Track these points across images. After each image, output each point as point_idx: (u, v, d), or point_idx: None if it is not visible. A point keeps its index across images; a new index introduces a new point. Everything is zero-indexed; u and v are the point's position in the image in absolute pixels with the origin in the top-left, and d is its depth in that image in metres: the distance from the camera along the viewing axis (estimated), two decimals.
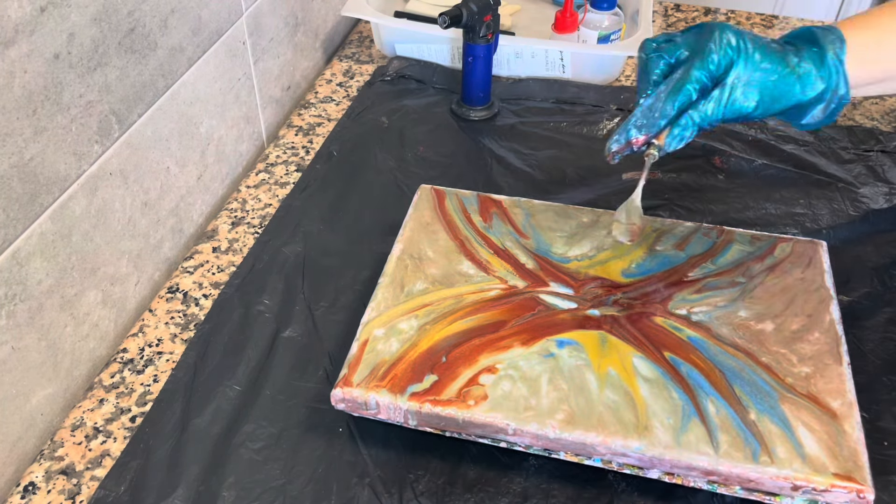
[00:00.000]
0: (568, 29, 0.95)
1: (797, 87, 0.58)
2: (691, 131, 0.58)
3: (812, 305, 0.59)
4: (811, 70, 0.58)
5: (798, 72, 0.58)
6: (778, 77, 0.58)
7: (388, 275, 0.62)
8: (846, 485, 0.48)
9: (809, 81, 0.58)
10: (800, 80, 0.58)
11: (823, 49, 0.58)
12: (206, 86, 0.73)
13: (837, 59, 0.58)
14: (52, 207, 0.54)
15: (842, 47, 0.58)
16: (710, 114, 0.58)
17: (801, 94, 0.58)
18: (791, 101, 0.59)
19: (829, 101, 0.59)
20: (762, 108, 0.58)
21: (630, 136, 0.59)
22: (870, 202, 0.77)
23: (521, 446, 0.54)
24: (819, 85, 0.58)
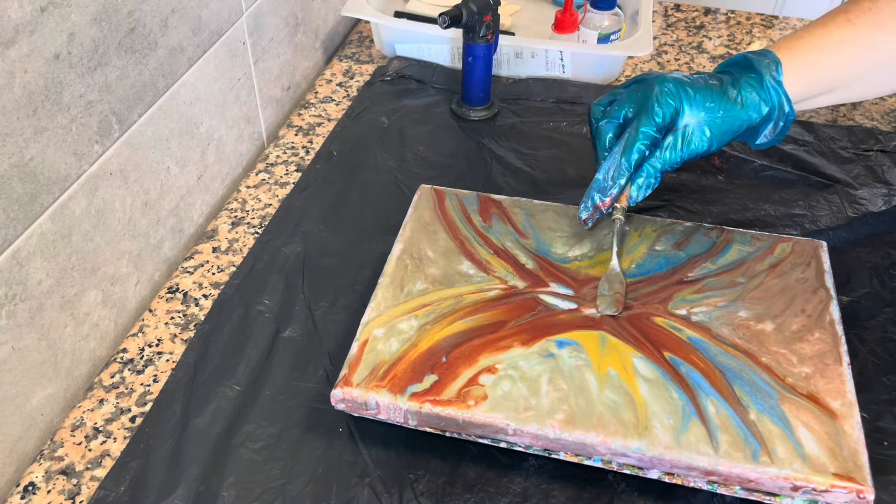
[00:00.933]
0: (568, 29, 0.95)
1: (743, 115, 0.63)
2: (655, 178, 0.63)
3: (812, 305, 0.59)
4: (753, 96, 0.63)
5: (741, 102, 0.62)
6: (724, 112, 0.62)
7: (388, 275, 0.62)
8: (846, 485, 0.48)
9: (753, 107, 0.63)
10: (744, 108, 0.63)
11: (760, 74, 0.63)
12: (206, 86, 0.73)
13: (775, 80, 0.62)
14: (53, 207, 0.54)
15: (777, 69, 0.63)
16: (669, 159, 0.62)
17: (748, 120, 0.63)
18: (741, 128, 0.63)
19: (776, 120, 0.64)
20: (717, 143, 0.64)
21: (595, 200, 0.63)
22: (869, 203, 0.77)
23: (521, 446, 0.54)
24: (763, 108, 0.63)
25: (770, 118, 0.63)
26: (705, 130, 0.62)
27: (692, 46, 1.04)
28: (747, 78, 0.63)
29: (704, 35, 1.06)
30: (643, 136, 0.61)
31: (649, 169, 0.62)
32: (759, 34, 1.06)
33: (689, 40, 1.05)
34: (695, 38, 1.05)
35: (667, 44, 1.04)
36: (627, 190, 0.63)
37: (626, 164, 0.62)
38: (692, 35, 1.06)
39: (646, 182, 0.63)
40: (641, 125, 0.61)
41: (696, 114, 0.62)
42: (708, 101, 0.62)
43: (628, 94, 0.64)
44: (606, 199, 0.63)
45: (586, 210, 0.63)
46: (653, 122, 0.61)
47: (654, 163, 0.62)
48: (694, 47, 1.03)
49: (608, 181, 0.62)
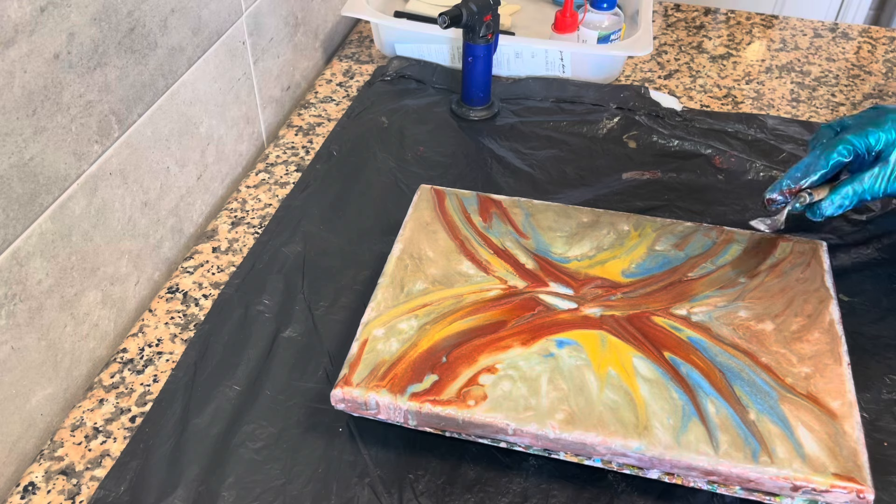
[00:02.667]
0: (568, 29, 0.95)
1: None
2: (850, 200, 0.64)
3: (812, 305, 0.59)
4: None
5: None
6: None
7: (388, 275, 0.62)
8: (846, 485, 0.48)
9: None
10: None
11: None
12: (206, 86, 0.73)
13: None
14: (52, 207, 0.54)
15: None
16: (869, 186, 0.64)
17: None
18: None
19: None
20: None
21: (783, 186, 0.65)
22: (869, 202, 0.76)
23: (521, 446, 0.54)
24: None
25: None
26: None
27: (692, 46, 1.04)
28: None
29: (704, 35, 1.06)
30: (847, 143, 0.63)
31: (847, 190, 0.64)
32: (759, 34, 1.06)
33: (689, 40, 1.05)
34: (695, 38, 1.05)
35: (667, 44, 1.04)
36: (819, 190, 0.65)
37: (823, 162, 0.63)
38: (692, 35, 1.06)
39: (840, 201, 0.64)
40: (851, 134, 0.64)
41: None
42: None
43: (860, 113, 0.66)
44: (795, 187, 0.64)
45: (772, 191, 0.65)
46: (865, 137, 0.63)
47: (854, 185, 0.64)
48: (694, 47, 1.03)
49: (804, 172, 0.64)
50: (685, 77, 0.97)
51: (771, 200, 0.66)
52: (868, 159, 0.64)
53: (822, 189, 0.65)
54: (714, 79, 0.97)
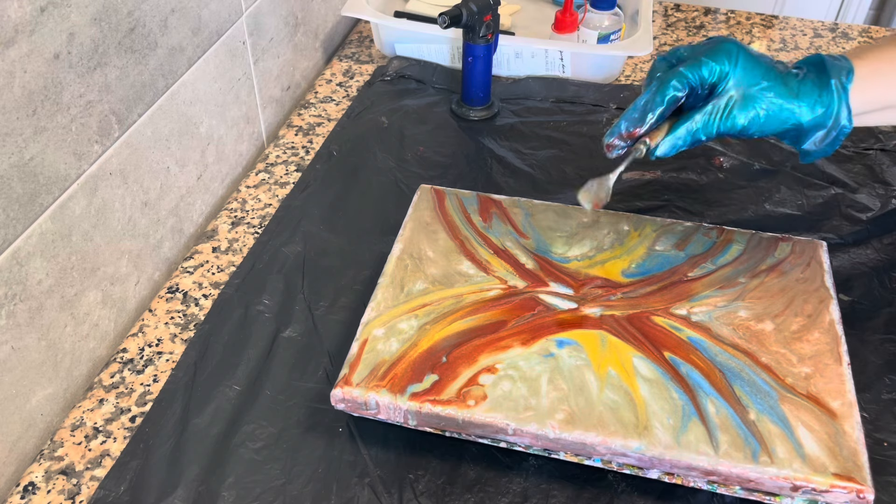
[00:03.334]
0: (568, 29, 0.95)
1: (795, 108, 0.59)
2: (684, 141, 0.59)
3: (812, 305, 0.59)
4: (812, 94, 0.59)
5: (797, 93, 0.59)
6: (775, 95, 0.58)
7: (388, 275, 0.62)
8: (846, 485, 0.48)
9: (808, 104, 0.59)
10: (798, 101, 0.59)
11: (829, 75, 0.59)
12: (206, 86, 0.73)
13: (842, 86, 0.58)
14: (52, 207, 0.54)
15: (848, 77, 0.59)
16: (705, 125, 0.59)
17: (798, 116, 0.59)
18: (787, 122, 0.59)
19: (829, 129, 0.59)
20: (757, 126, 0.59)
21: (621, 129, 0.60)
22: (868, 202, 0.77)
23: (521, 446, 0.54)
24: (817, 108, 0.59)
25: (823, 124, 0.59)
26: (750, 108, 0.58)
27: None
28: (815, 76, 0.59)
29: (704, 35, 1.06)
30: (680, 76, 0.59)
31: (682, 130, 0.59)
32: (759, 34, 1.06)
33: (689, 40, 1.05)
34: (695, 38, 1.05)
35: (667, 44, 1.04)
36: (657, 133, 0.60)
37: (659, 99, 0.59)
38: (692, 35, 1.06)
39: (673, 141, 0.60)
40: (685, 67, 0.59)
41: (746, 86, 0.58)
42: (763, 79, 0.58)
43: (694, 45, 0.62)
44: (632, 131, 0.60)
45: (610, 136, 0.61)
46: (698, 70, 0.59)
47: (688, 124, 0.59)
48: None
49: (640, 113, 0.60)
50: None
51: (610, 146, 0.61)
52: (702, 93, 0.60)
53: (660, 130, 0.60)
54: None
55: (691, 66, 0.59)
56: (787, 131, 0.60)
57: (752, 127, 0.59)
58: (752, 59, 0.59)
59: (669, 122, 0.61)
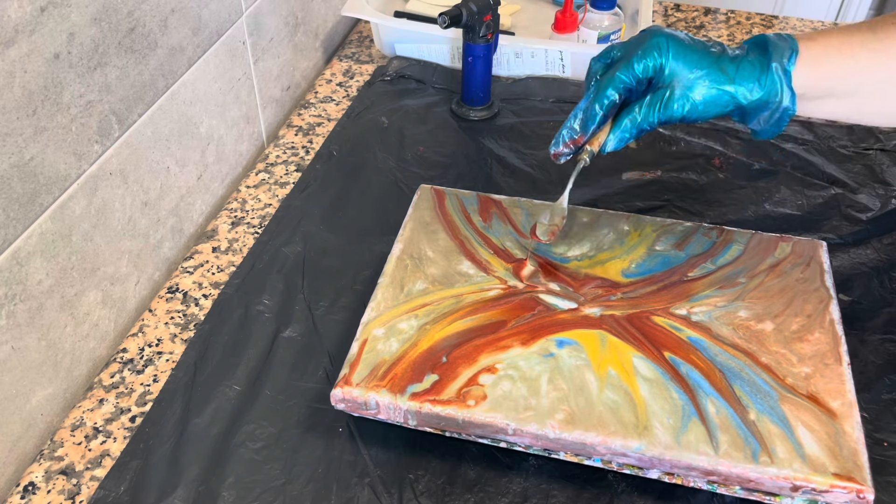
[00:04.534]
0: (568, 29, 0.95)
1: (732, 92, 0.58)
2: (630, 133, 0.60)
3: (812, 305, 0.59)
4: (751, 76, 0.58)
5: (733, 77, 0.58)
6: (710, 82, 0.58)
7: (388, 275, 0.62)
8: (846, 485, 0.48)
9: (745, 87, 0.58)
10: (735, 85, 0.58)
11: (770, 57, 0.58)
12: (206, 86, 0.73)
13: (783, 69, 0.58)
14: (52, 207, 0.54)
15: (791, 58, 0.58)
16: (644, 116, 0.59)
17: (738, 98, 0.59)
18: (728, 106, 0.59)
19: (773, 111, 0.59)
20: (697, 113, 0.59)
21: (564, 138, 0.61)
22: (868, 202, 0.77)
23: (521, 446, 0.54)
24: (756, 91, 0.58)
25: (765, 106, 0.59)
26: (688, 96, 0.58)
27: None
28: (754, 57, 0.59)
29: (704, 35, 1.06)
30: (617, 81, 0.59)
31: (626, 123, 0.60)
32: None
33: None
34: None
35: None
36: (601, 135, 0.61)
37: (599, 107, 0.60)
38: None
39: (619, 136, 0.60)
40: (619, 70, 0.59)
41: (681, 76, 0.59)
42: (696, 66, 0.58)
43: (625, 42, 0.62)
44: (577, 138, 0.61)
45: (555, 145, 0.62)
46: (632, 69, 0.59)
47: (631, 116, 0.60)
48: None
49: (582, 121, 0.61)
50: None
51: (557, 154, 0.62)
52: (641, 88, 0.60)
53: (604, 130, 0.61)
54: None
55: (624, 68, 0.59)
56: (731, 112, 0.60)
57: (693, 114, 0.59)
58: (683, 47, 0.59)
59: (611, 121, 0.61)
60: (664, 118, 0.59)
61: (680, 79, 0.59)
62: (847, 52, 0.59)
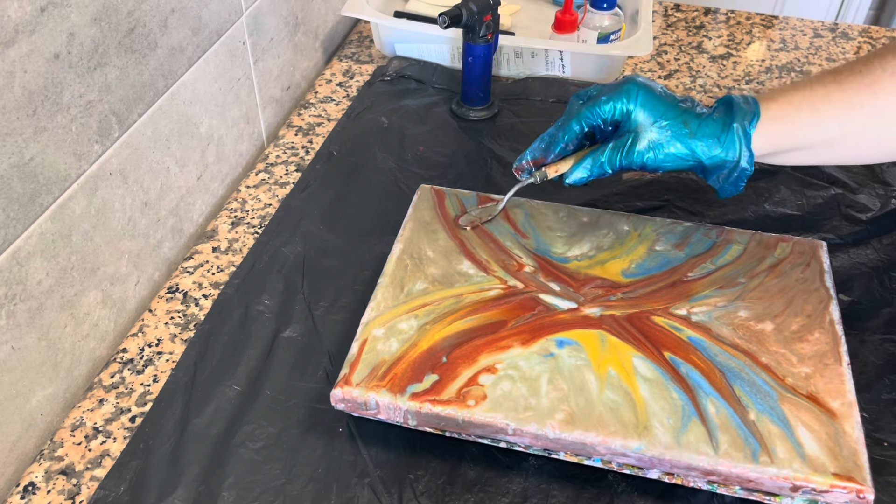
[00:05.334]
0: (568, 29, 0.95)
1: (693, 146, 0.60)
2: (591, 172, 0.62)
3: (812, 305, 0.59)
4: (712, 135, 0.60)
5: (695, 132, 0.60)
6: (672, 134, 0.60)
7: (388, 275, 0.62)
8: (846, 485, 0.48)
9: (706, 145, 0.60)
10: (695, 140, 0.60)
11: (733, 118, 0.60)
12: (206, 86, 0.73)
13: (743, 130, 0.60)
14: (52, 207, 0.54)
15: (752, 122, 0.60)
16: (609, 158, 0.62)
17: (698, 154, 0.60)
18: (687, 160, 0.61)
19: (731, 170, 0.61)
20: (657, 163, 0.61)
21: (527, 157, 0.65)
22: (868, 202, 0.77)
23: (520, 446, 0.54)
24: (715, 150, 0.60)
25: (724, 165, 0.60)
26: (650, 145, 0.61)
27: (692, 46, 1.04)
28: (718, 117, 0.61)
29: (704, 35, 1.06)
30: (582, 116, 0.62)
31: (588, 161, 0.62)
32: (759, 34, 1.06)
33: (689, 40, 1.05)
34: (695, 38, 1.05)
35: (667, 44, 1.04)
36: (561, 164, 0.64)
37: (561, 135, 0.63)
38: (692, 35, 1.06)
39: (581, 171, 0.63)
40: (587, 107, 0.62)
41: (646, 124, 0.61)
42: (662, 117, 0.61)
43: (605, 85, 0.64)
44: (538, 159, 0.65)
45: (518, 162, 0.66)
46: (599, 107, 0.62)
47: (594, 156, 0.62)
48: (694, 47, 1.03)
49: (545, 146, 0.64)
50: (685, 77, 0.97)
51: (518, 170, 0.66)
52: (608, 129, 0.63)
53: (567, 160, 0.64)
54: (714, 79, 0.97)
55: (592, 105, 0.62)
56: (692, 167, 0.62)
57: (653, 163, 0.61)
58: (653, 97, 0.61)
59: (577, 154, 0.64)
60: (625, 163, 0.61)
61: (644, 127, 0.61)
62: (808, 108, 0.60)
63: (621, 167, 0.62)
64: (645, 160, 0.61)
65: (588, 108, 0.62)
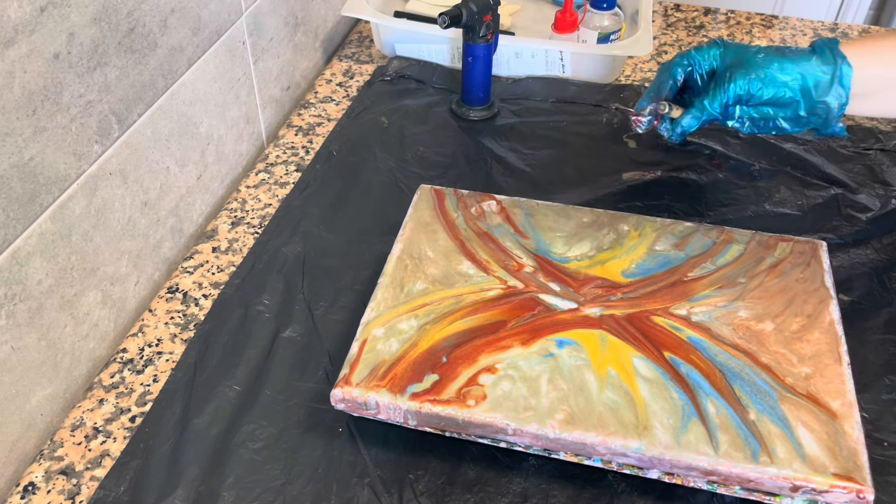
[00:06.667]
0: (568, 29, 0.95)
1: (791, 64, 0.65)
2: (700, 117, 0.68)
3: (812, 305, 0.59)
4: (804, 53, 0.65)
5: (787, 53, 0.65)
6: (766, 56, 0.66)
7: (388, 275, 0.62)
8: (846, 485, 0.48)
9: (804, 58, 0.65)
10: (792, 58, 0.65)
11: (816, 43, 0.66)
12: (205, 86, 0.73)
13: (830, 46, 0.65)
14: (52, 207, 0.54)
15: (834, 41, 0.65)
16: (709, 101, 0.67)
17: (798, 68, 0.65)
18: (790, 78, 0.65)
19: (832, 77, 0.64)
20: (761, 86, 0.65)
21: (644, 104, 0.72)
22: (868, 202, 0.77)
23: (520, 446, 0.54)
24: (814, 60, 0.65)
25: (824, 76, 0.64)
26: (748, 70, 0.65)
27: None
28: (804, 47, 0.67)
29: (704, 35, 1.06)
30: (682, 57, 0.70)
31: (698, 104, 0.68)
32: (759, 34, 1.06)
33: (689, 40, 1.05)
34: (695, 38, 1.05)
35: (667, 44, 1.04)
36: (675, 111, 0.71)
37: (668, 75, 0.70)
38: (692, 35, 1.06)
39: (693, 115, 0.69)
40: (684, 55, 0.70)
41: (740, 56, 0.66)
42: (754, 49, 0.66)
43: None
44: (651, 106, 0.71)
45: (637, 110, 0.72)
46: (693, 56, 0.69)
47: (699, 102, 0.68)
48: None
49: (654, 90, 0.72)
50: None
51: (638, 121, 0.72)
52: (706, 79, 0.70)
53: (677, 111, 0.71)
54: None
55: (684, 54, 0.70)
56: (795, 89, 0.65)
57: (755, 86, 0.65)
58: (740, 44, 0.69)
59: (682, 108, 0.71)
60: (731, 95, 0.66)
61: (738, 59, 0.66)
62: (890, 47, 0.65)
63: (727, 102, 0.67)
64: (749, 85, 0.65)
65: (680, 57, 0.69)
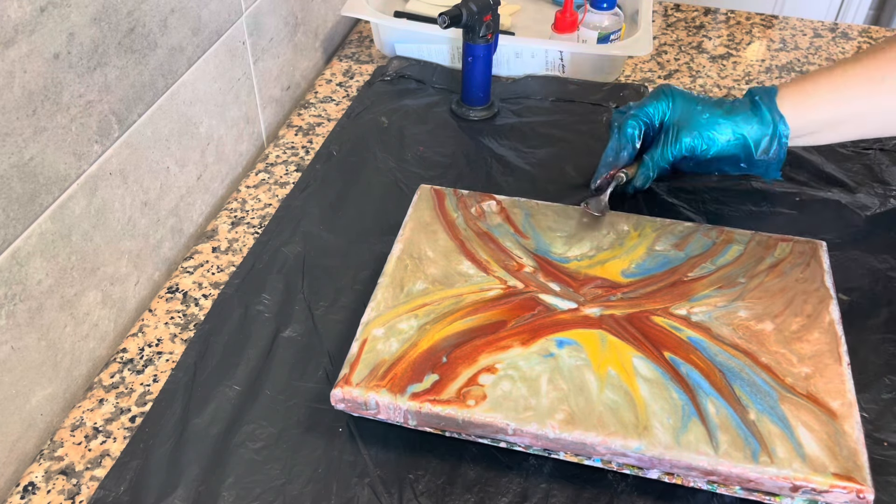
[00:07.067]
0: (568, 29, 0.95)
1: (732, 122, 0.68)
2: (652, 171, 0.71)
3: (812, 305, 0.59)
4: (743, 110, 0.68)
5: (730, 111, 0.68)
6: (710, 115, 0.69)
7: (387, 275, 0.62)
8: (846, 485, 0.48)
9: (743, 117, 0.68)
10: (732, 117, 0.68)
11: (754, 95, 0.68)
12: (205, 86, 0.73)
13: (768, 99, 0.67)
14: (52, 207, 0.54)
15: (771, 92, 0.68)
16: (660, 155, 0.70)
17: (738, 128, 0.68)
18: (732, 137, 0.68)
19: (770, 136, 0.68)
20: (704, 144, 0.69)
21: (602, 173, 0.73)
22: (868, 202, 0.77)
23: (520, 446, 0.54)
24: (752, 123, 0.68)
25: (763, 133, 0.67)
26: (692, 129, 0.69)
27: (692, 46, 1.04)
28: (744, 99, 0.69)
29: (704, 35, 1.06)
30: (634, 118, 0.71)
31: (647, 161, 0.71)
32: (759, 34, 1.06)
33: (689, 40, 1.05)
34: (695, 38, 1.05)
35: (667, 44, 1.04)
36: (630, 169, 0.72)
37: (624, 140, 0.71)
38: (692, 35, 1.06)
39: (645, 173, 0.71)
40: (633, 112, 0.72)
41: (685, 113, 0.69)
42: (697, 104, 0.69)
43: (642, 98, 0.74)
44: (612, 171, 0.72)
45: (594, 182, 0.73)
46: (644, 110, 0.71)
47: (649, 156, 0.71)
48: (694, 47, 1.03)
49: (612, 157, 0.72)
50: (685, 77, 0.97)
51: (598, 188, 0.73)
52: (654, 133, 0.72)
53: (632, 167, 0.73)
54: (714, 79, 0.97)
55: (638, 110, 0.71)
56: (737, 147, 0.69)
57: (700, 145, 0.69)
58: (686, 95, 0.71)
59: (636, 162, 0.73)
60: (677, 152, 0.69)
61: (684, 116, 0.69)
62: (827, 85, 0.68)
63: (674, 158, 0.70)
64: (694, 143, 0.69)
65: (636, 111, 0.71)
